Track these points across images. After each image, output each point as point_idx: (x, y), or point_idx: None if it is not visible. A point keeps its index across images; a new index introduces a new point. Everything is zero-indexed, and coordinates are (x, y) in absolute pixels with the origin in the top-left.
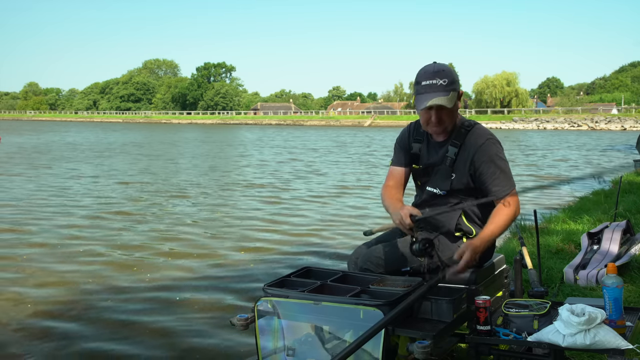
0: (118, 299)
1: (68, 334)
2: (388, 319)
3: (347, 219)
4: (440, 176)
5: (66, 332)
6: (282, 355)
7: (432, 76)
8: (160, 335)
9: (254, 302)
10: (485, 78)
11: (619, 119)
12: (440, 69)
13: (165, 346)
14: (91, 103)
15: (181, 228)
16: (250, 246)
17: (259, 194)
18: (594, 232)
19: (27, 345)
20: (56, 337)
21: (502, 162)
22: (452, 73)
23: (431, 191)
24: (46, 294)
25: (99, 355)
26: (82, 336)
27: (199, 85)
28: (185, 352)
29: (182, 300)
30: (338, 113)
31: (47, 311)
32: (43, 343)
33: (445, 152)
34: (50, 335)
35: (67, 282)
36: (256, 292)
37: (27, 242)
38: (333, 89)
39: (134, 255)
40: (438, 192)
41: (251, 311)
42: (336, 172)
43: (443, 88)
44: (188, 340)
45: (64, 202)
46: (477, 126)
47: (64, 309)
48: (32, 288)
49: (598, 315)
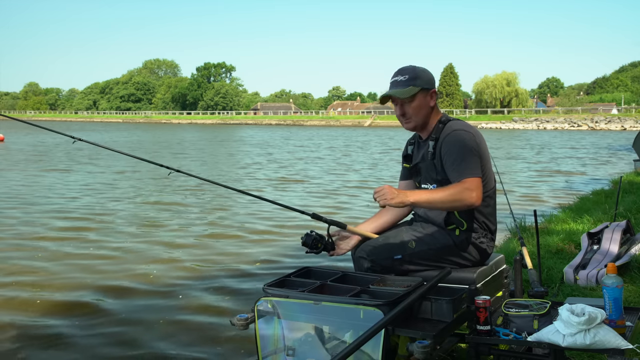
0: (118, 299)
1: (68, 334)
2: (388, 319)
3: (348, 219)
4: (426, 171)
5: (67, 332)
6: (282, 355)
7: (396, 74)
8: (160, 335)
9: (254, 302)
10: (485, 78)
11: (619, 119)
12: (404, 68)
13: (165, 346)
14: (91, 103)
15: (181, 228)
16: (250, 246)
17: (264, 189)
18: (594, 232)
19: (27, 344)
20: (57, 337)
21: (465, 151)
22: (415, 70)
23: (425, 187)
24: (47, 294)
25: (99, 355)
26: (82, 336)
27: (199, 85)
28: (185, 352)
29: (182, 299)
30: (338, 113)
31: (47, 311)
32: (43, 343)
33: (427, 147)
34: (51, 335)
35: (68, 281)
36: (256, 292)
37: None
38: (333, 89)
39: (134, 255)
40: (429, 187)
41: (251, 311)
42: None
43: (402, 83)
44: (188, 340)
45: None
46: (454, 121)
47: (63, 309)
48: (32, 288)
49: (598, 315)
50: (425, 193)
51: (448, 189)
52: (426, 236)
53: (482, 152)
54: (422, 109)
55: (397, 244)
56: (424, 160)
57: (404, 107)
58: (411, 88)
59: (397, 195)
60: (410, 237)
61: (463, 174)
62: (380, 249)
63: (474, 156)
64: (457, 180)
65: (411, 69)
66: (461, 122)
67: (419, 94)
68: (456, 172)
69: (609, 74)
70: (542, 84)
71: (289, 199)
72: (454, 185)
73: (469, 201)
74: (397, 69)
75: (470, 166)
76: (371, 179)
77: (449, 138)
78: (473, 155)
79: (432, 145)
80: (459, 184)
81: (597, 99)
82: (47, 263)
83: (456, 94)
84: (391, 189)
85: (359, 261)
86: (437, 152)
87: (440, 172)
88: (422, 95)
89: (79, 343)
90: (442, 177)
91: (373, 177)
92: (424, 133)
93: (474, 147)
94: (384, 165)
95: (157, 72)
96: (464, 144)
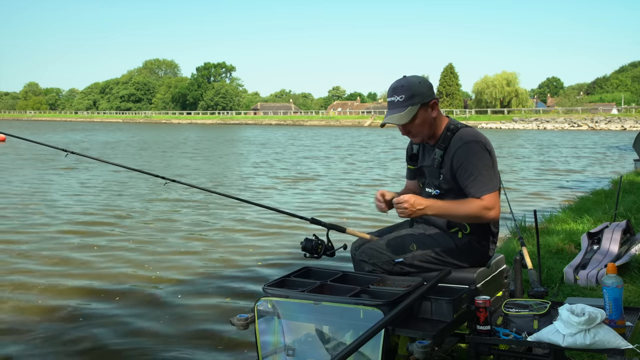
0: (118, 298)
1: (69, 334)
2: (388, 319)
3: (351, 220)
4: (431, 178)
5: (67, 332)
6: (282, 355)
7: (391, 93)
8: (160, 334)
9: (254, 302)
10: (485, 78)
11: (619, 119)
12: (399, 85)
13: (165, 346)
14: (91, 103)
15: (182, 227)
16: (251, 246)
17: (263, 192)
18: (594, 232)
19: (25, 345)
20: (57, 337)
21: (480, 164)
22: (410, 88)
23: (428, 192)
24: (47, 295)
25: (98, 354)
26: (82, 336)
27: (199, 85)
28: (185, 351)
29: (182, 299)
30: (338, 113)
31: (47, 312)
32: (41, 343)
33: (434, 154)
34: (51, 335)
35: (68, 281)
36: (256, 292)
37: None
38: (333, 89)
39: (134, 255)
40: (433, 193)
41: (251, 311)
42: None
43: (400, 104)
44: (188, 340)
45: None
46: (463, 129)
47: (63, 309)
48: (32, 287)
49: (598, 315)
50: (444, 208)
51: (468, 207)
52: (428, 239)
53: (494, 159)
54: (425, 123)
55: (399, 247)
56: (430, 165)
57: (406, 127)
58: (410, 109)
59: (416, 211)
60: (411, 240)
61: (480, 191)
62: (381, 252)
63: (489, 168)
64: (476, 196)
65: (407, 86)
66: (470, 131)
67: (420, 111)
68: (473, 188)
69: (609, 74)
70: (542, 84)
71: (294, 197)
72: (474, 203)
73: (489, 219)
74: (391, 86)
75: (486, 181)
76: (379, 177)
77: (461, 152)
78: (488, 167)
79: (440, 154)
80: (479, 201)
81: (597, 99)
82: (47, 264)
83: (456, 94)
84: (412, 202)
85: (360, 264)
86: (447, 162)
87: (449, 181)
88: (423, 111)
89: (79, 343)
90: (447, 186)
91: (381, 176)
92: (432, 140)
93: (488, 158)
94: (390, 163)
95: (157, 72)
96: (479, 157)
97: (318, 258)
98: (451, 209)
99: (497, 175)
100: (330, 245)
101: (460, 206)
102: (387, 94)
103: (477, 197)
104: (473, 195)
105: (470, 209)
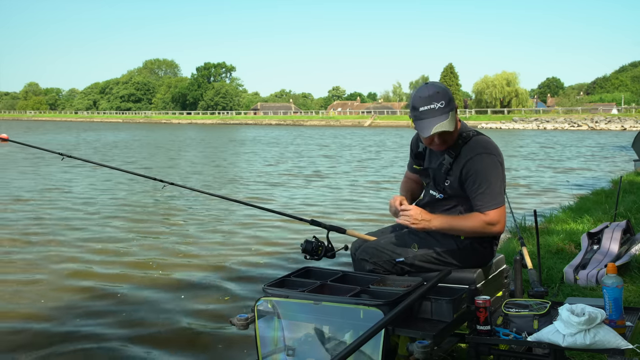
0: (119, 299)
1: (68, 334)
2: (388, 318)
3: (352, 221)
4: (437, 181)
5: (67, 332)
6: (282, 355)
7: (428, 101)
8: (160, 334)
9: (254, 302)
10: (485, 78)
11: (619, 119)
12: (434, 92)
13: (165, 346)
14: (91, 103)
15: (182, 228)
16: (251, 246)
17: (263, 191)
18: (594, 232)
19: (25, 344)
20: (57, 338)
21: (491, 177)
22: (446, 93)
23: (432, 194)
24: (48, 294)
25: (98, 354)
26: (82, 336)
27: (199, 85)
28: (185, 351)
29: (183, 299)
30: (338, 113)
31: (45, 310)
32: (39, 343)
33: (443, 159)
34: (51, 336)
35: (67, 282)
36: (256, 292)
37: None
38: (333, 89)
39: (134, 256)
40: (436, 196)
41: (251, 311)
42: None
43: (442, 111)
44: (188, 340)
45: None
46: (475, 138)
47: (63, 309)
48: (33, 286)
49: (598, 315)
50: (448, 222)
51: (471, 222)
52: (429, 239)
53: (504, 173)
54: (456, 129)
55: (400, 247)
56: (437, 169)
57: (444, 135)
58: (452, 115)
59: (421, 222)
60: (412, 240)
61: (487, 206)
62: (382, 251)
63: (498, 182)
64: (481, 211)
65: (442, 92)
66: (483, 141)
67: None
68: (480, 201)
69: (609, 74)
70: (542, 84)
71: (299, 194)
72: (478, 218)
73: (493, 234)
74: (423, 93)
75: (494, 195)
76: (381, 175)
77: (473, 163)
78: (497, 181)
79: (450, 161)
80: (483, 217)
81: (597, 99)
82: (46, 263)
83: (456, 94)
84: (417, 214)
85: (360, 263)
86: (455, 171)
87: (456, 188)
88: (455, 116)
89: (77, 343)
90: (452, 192)
91: (384, 173)
92: None
93: (499, 171)
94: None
95: (157, 72)
96: (490, 171)
97: (318, 260)
98: (455, 224)
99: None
100: (330, 247)
101: (464, 221)
102: (419, 102)
103: (482, 212)
104: (479, 208)
105: (473, 224)
